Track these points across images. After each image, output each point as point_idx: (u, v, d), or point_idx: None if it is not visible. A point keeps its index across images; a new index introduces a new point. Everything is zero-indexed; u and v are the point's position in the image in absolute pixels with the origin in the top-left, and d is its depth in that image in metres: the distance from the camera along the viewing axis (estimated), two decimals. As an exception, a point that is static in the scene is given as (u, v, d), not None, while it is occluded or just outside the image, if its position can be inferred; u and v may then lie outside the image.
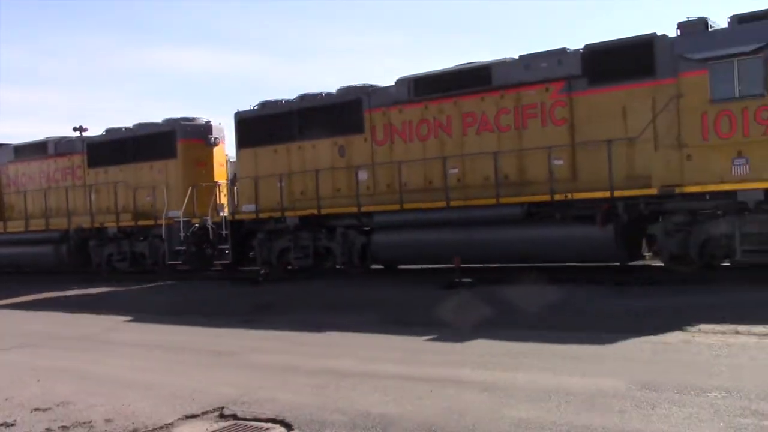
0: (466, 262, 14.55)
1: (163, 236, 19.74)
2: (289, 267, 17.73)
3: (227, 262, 18.49)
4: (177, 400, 6.25)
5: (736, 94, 11.57)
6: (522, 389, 5.87)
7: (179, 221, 19.26)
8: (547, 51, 13.83)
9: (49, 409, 6.26)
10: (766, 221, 11.60)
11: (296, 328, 10.07)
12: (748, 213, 11.69)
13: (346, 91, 16.83)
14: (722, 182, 11.77)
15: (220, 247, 18.58)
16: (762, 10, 11.93)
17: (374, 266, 16.89)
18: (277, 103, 18.14)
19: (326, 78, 71.59)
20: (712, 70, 11.73)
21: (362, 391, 6.18)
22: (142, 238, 20.82)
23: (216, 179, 20.07)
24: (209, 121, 20.65)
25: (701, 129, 11.91)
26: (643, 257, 13.83)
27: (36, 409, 6.28)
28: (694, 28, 12.29)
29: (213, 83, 69.52)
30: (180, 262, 19.41)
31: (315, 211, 16.76)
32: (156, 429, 5.49)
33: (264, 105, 18.38)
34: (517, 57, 14.29)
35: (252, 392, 6.38)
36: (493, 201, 14.11)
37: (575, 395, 5.54)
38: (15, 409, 6.33)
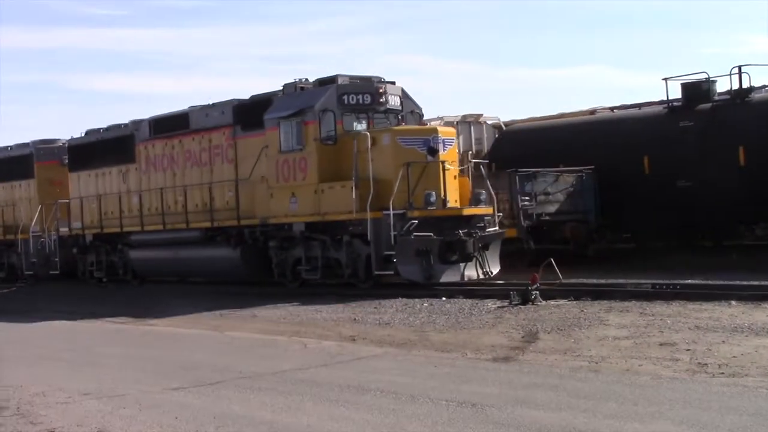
0: (176, 276, 24.84)
1: (20, 250, 31.61)
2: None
3: (57, 272, 29.84)
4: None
5: (290, 147, 20.94)
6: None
7: (35, 236, 30.96)
8: (219, 102, 23.72)
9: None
10: (310, 247, 20.89)
11: (569, 372, 10.17)
12: (308, 241, 20.99)
13: (129, 125, 27.52)
14: (286, 216, 21.20)
15: (54, 259, 30.02)
16: (330, 77, 21.15)
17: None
18: (97, 131, 29.19)
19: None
20: (281, 127, 21.15)
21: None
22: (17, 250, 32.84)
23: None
24: (66, 143, 32.16)
25: (276, 174, 21.36)
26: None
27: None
28: (289, 90, 21.72)
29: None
30: (32, 272, 31.08)
31: (99, 231, 27.70)
32: None
33: (87, 133, 29.55)
34: (207, 105, 24.29)
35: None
36: (184, 226, 24.26)
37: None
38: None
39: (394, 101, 21.18)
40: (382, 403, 9.05)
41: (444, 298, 17.63)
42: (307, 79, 21.90)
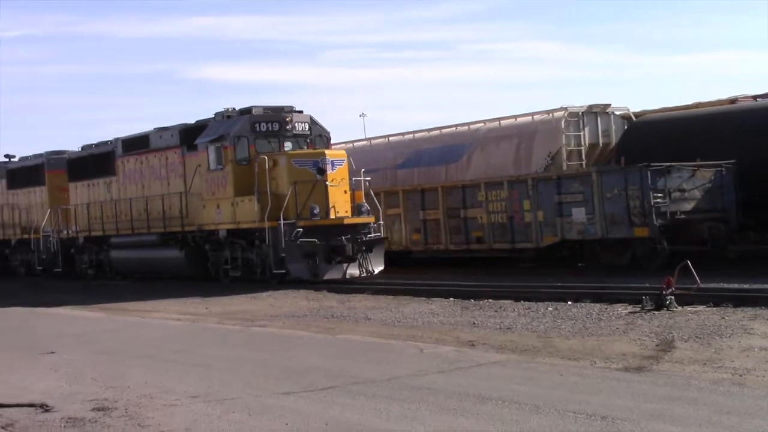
0: (142, 272, 29.83)
1: (32, 247, 37.01)
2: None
3: (59, 269, 35.08)
4: None
5: (215, 167, 25.61)
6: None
7: (45, 236, 36.33)
8: (170, 126, 28.54)
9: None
10: (234, 249, 25.54)
11: (710, 384, 9.60)
12: (233, 244, 25.67)
13: (112, 142, 32.56)
14: (214, 224, 25.91)
15: (58, 258, 35.30)
16: (248, 107, 25.77)
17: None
18: (90, 146, 34.34)
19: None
20: (208, 150, 25.84)
21: None
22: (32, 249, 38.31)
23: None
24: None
25: (207, 188, 26.06)
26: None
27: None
28: (218, 118, 26.40)
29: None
30: (41, 268, 36.44)
31: (88, 234, 32.83)
32: None
33: (82, 148, 34.73)
34: (161, 128, 29.14)
35: None
36: (146, 230, 29.17)
37: None
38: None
39: (301, 127, 25.68)
40: (503, 413, 8.77)
41: (569, 302, 17.10)
42: (234, 108, 26.51)
